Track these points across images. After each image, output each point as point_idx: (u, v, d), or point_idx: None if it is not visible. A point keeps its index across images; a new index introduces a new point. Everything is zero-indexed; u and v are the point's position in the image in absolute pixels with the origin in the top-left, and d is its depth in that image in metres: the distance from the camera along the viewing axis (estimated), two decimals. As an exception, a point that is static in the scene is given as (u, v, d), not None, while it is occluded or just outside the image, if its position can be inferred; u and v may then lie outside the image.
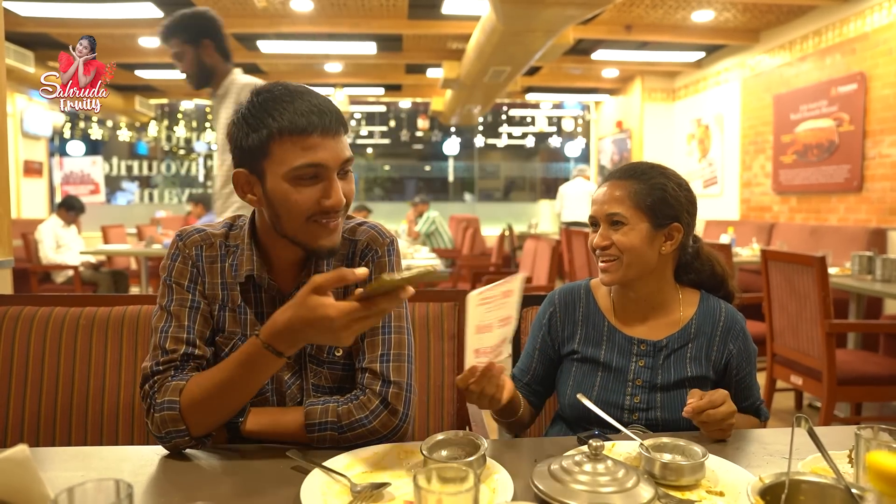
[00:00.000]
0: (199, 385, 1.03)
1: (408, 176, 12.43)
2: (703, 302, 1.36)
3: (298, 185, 1.02)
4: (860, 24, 5.20)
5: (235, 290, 1.14)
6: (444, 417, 1.50)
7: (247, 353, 0.99)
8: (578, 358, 1.35)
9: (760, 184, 6.69)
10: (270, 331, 0.97)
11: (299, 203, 1.02)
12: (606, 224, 1.30)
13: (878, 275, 3.37)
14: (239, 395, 1.03)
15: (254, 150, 1.03)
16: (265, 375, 1.02)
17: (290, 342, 0.97)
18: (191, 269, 1.13)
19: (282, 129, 1.00)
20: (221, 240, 1.16)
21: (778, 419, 3.37)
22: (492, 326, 1.07)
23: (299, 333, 0.95)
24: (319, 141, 1.01)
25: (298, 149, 1.01)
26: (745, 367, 1.33)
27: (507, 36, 5.12)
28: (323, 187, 1.03)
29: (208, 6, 2.99)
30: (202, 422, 1.03)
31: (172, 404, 1.03)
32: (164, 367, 1.07)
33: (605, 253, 1.30)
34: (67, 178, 9.37)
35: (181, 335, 1.09)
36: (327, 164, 1.02)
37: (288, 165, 1.01)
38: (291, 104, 1.01)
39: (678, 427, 1.25)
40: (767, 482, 0.79)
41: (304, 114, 1.01)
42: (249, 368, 1.00)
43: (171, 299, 1.12)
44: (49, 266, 5.73)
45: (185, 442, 1.03)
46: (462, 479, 0.69)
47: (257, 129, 1.02)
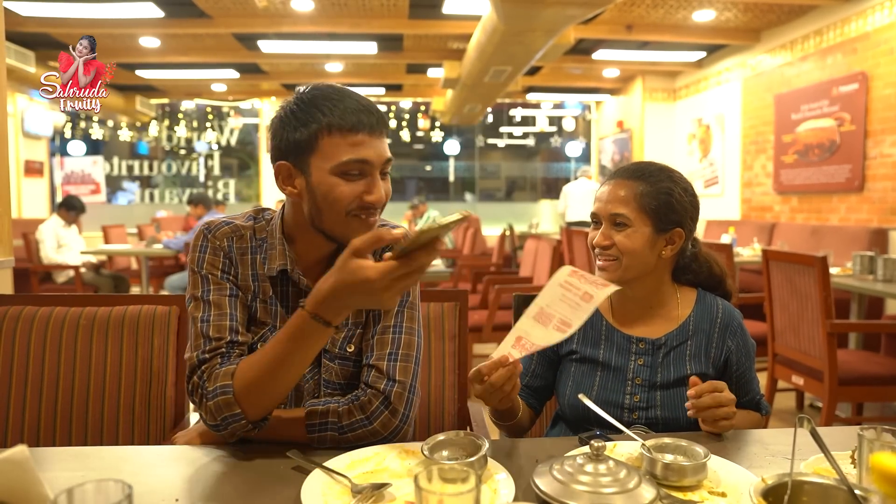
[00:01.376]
0: (251, 366, 1.03)
1: (408, 176, 12.42)
2: (701, 300, 1.36)
3: (344, 178, 1.05)
4: (861, 23, 5.20)
5: (266, 283, 1.15)
6: (445, 418, 1.50)
7: (295, 326, 0.99)
8: (577, 358, 1.34)
9: (761, 184, 6.68)
10: (315, 299, 0.96)
11: (343, 196, 1.05)
12: (609, 223, 1.30)
13: (880, 275, 3.36)
14: (291, 371, 1.02)
15: (301, 144, 1.06)
16: (315, 348, 1.01)
17: (335, 310, 0.97)
18: (223, 260, 1.14)
19: (331, 125, 1.04)
20: (250, 232, 1.18)
21: (779, 419, 3.36)
22: (551, 319, 1.06)
23: (344, 299, 0.95)
24: (366, 139, 1.05)
25: (347, 144, 1.04)
26: (745, 362, 1.33)
27: (508, 36, 5.12)
28: (366, 183, 1.06)
29: (209, 6, 2.99)
30: (257, 403, 1.02)
31: (226, 389, 1.02)
32: (210, 355, 1.07)
33: (605, 252, 1.29)
34: (68, 177, 9.38)
35: (224, 322, 1.09)
36: (372, 161, 1.06)
37: (336, 160, 1.04)
38: (341, 102, 1.05)
39: (678, 425, 1.25)
40: (770, 483, 0.79)
41: (354, 112, 1.04)
42: (299, 341, 0.99)
43: (207, 289, 1.11)
44: (50, 266, 5.73)
45: (242, 426, 1.03)
46: (463, 479, 0.69)
47: (306, 124, 1.05)
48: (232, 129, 10.65)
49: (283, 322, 1.13)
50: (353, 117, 1.04)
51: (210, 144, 10.74)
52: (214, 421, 1.03)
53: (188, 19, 6.19)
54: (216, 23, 6.19)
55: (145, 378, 1.49)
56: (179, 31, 6.51)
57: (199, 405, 1.05)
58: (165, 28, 6.39)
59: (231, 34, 6.72)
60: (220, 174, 10.80)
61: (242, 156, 11.38)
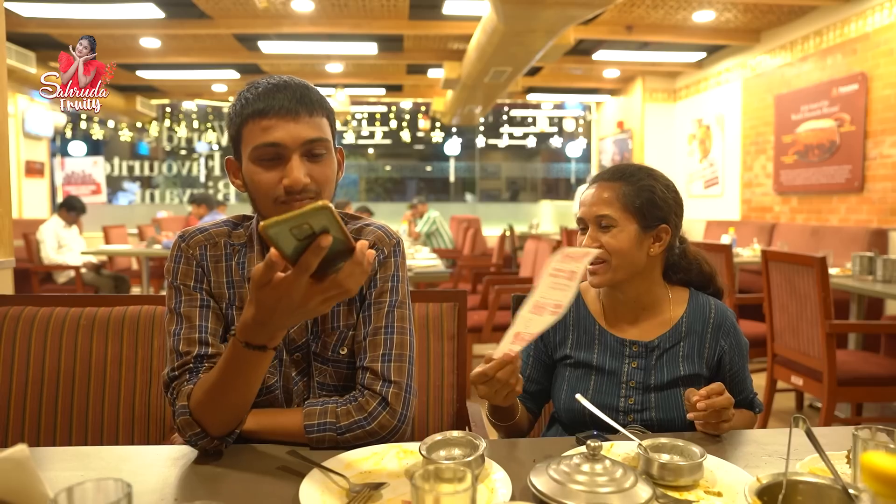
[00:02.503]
0: (202, 388, 1.04)
1: (409, 176, 12.43)
2: (693, 300, 1.36)
3: (261, 165, 1.06)
4: (861, 24, 5.20)
5: (243, 288, 1.15)
6: (443, 418, 1.50)
7: (231, 355, 0.98)
8: (571, 363, 1.35)
9: (761, 184, 6.68)
10: (243, 328, 0.95)
11: (263, 183, 1.06)
12: (595, 226, 1.30)
13: (879, 275, 3.37)
14: (237, 395, 1.02)
15: (234, 138, 1.10)
16: (258, 371, 1.00)
17: (267, 334, 0.94)
18: (195, 269, 1.14)
19: (251, 113, 1.06)
20: (225, 239, 1.18)
21: (778, 420, 3.36)
22: (545, 309, 1.06)
23: (270, 323, 0.92)
24: (277, 122, 1.04)
25: (258, 129, 1.05)
26: (738, 361, 1.34)
27: (508, 36, 5.12)
28: (283, 168, 1.05)
29: (209, 7, 2.99)
30: (214, 422, 1.03)
31: (184, 409, 1.03)
32: (178, 371, 1.08)
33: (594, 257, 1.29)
34: (69, 178, 9.38)
35: (193, 335, 1.10)
36: (285, 142, 1.04)
37: (250, 146, 1.06)
38: (259, 88, 1.07)
39: (673, 426, 1.26)
40: (765, 482, 0.79)
41: (267, 96, 1.05)
42: (237, 368, 0.99)
43: (179, 300, 1.12)
44: (50, 266, 5.74)
45: (208, 442, 1.04)
46: (460, 479, 0.69)
47: (233, 116, 1.10)
48: (232, 130, 10.64)
49: None
50: (262, 102, 1.04)
51: (210, 145, 10.75)
52: (184, 437, 1.04)
53: (189, 20, 6.20)
54: (217, 23, 6.20)
55: (145, 378, 1.50)
56: (180, 31, 6.52)
57: (173, 421, 1.06)
58: (166, 28, 6.39)
59: (231, 35, 6.73)
60: (221, 174, 10.81)
61: (243, 156, 11.37)
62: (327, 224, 0.80)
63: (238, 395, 1.02)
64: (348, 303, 1.17)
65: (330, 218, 0.79)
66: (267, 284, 0.86)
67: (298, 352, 1.16)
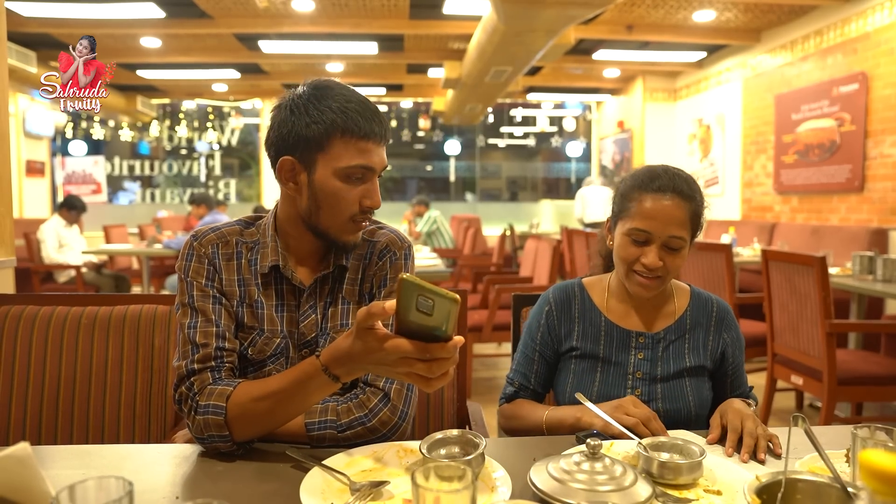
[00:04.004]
0: (250, 395, 1.03)
1: (409, 176, 12.43)
2: (695, 294, 1.39)
3: (347, 182, 1.09)
4: (861, 23, 5.20)
5: (252, 286, 1.15)
6: (444, 416, 1.50)
7: (305, 373, 0.99)
8: (578, 354, 1.35)
9: (762, 184, 6.69)
10: (332, 356, 0.96)
11: (346, 199, 1.09)
12: (662, 244, 1.25)
13: (879, 275, 3.37)
14: (290, 411, 1.02)
15: (310, 141, 1.07)
16: (319, 396, 1.02)
17: (348, 370, 0.96)
18: (207, 267, 1.15)
19: (346, 128, 1.06)
20: (237, 237, 1.19)
21: (777, 419, 3.37)
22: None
23: (358, 363, 0.94)
24: (374, 147, 1.09)
25: (355, 150, 1.07)
26: (738, 355, 1.37)
27: (509, 36, 5.12)
28: (365, 189, 1.10)
29: (210, 6, 3.00)
30: (247, 430, 1.03)
31: (218, 410, 1.02)
32: (199, 366, 1.07)
33: (651, 271, 1.26)
34: (69, 177, 9.39)
35: (210, 329, 1.10)
36: (375, 168, 1.10)
37: (344, 163, 1.07)
38: (355, 106, 1.07)
39: (680, 416, 1.27)
40: (764, 481, 0.79)
41: (368, 119, 1.08)
42: (304, 387, 0.99)
43: (192, 295, 1.13)
44: (51, 266, 5.75)
45: (227, 446, 1.03)
46: (460, 477, 0.69)
47: (319, 122, 1.06)
48: (233, 130, 10.66)
49: (270, 324, 1.14)
50: (367, 125, 1.07)
51: (211, 144, 10.75)
52: (200, 435, 1.03)
53: (189, 19, 6.20)
54: (217, 23, 6.20)
55: (146, 377, 1.50)
56: (180, 31, 6.52)
57: (186, 415, 1.05)
58: (166, 28, 6.40)
59: (232, 34, 6.73)
60: (221, 174, 10.82)
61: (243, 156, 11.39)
62: (448, 311, 0.84)
63: (291, 410, 1.02)
64: (358, 301, 1.18)
65: (454, 310, 0.84)
66: (370, 330, 0.89)
67: (306, 347, 1.16)
